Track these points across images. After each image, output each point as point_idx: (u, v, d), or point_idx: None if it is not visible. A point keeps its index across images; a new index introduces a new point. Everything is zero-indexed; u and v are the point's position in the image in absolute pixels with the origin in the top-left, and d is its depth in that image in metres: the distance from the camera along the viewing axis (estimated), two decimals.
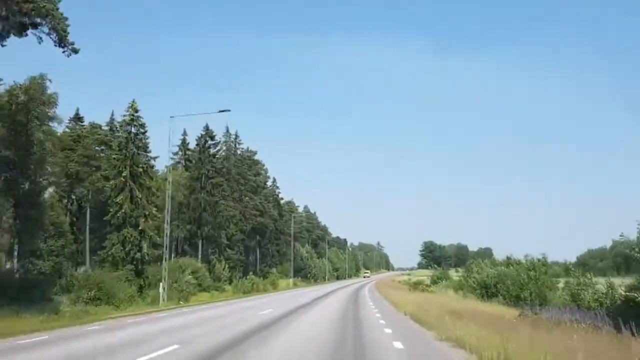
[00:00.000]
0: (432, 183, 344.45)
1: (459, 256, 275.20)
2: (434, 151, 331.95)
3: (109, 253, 39.58)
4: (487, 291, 31.79)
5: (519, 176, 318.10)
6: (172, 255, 59.78)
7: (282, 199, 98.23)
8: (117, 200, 40.07)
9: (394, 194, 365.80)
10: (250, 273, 62.04)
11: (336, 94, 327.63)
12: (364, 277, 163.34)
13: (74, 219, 55.19)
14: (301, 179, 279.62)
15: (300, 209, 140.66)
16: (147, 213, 40.96)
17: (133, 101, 42.39)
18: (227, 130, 75.14)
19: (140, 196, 40.66)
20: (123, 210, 39.86)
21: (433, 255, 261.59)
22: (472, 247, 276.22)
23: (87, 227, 51.82)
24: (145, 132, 42.63)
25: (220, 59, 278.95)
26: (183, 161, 64.64)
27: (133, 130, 42.07)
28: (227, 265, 57.29)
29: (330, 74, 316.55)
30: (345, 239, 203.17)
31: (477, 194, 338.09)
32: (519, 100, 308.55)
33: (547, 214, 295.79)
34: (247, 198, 77.35)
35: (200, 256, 58.16)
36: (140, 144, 42.15)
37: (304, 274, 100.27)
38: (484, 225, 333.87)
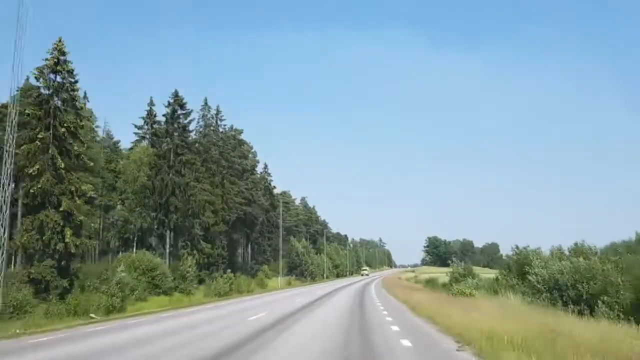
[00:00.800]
0: (434, 179, 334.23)
1: (464, 252, 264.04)
2: (436, 148, 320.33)
3: (19, 243, 28.67)
4: (561, 295, 20.93)
5: (522, 171, 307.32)
6: (134, 249, 48.90)
7: (274, 187, 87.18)
8: (32, 171, 29.14)
9: (395, 190, 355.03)
10: (229, 271, 50.95)
11: (338, 90, 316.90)
12: (362, 274, 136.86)
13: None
14: (300, 174, 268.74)
15: (297, 202, 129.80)
16: (74, 189, 30.01)
17: (59, 40, 31.42)
18: (206, 103, 63.89)
19: (64, 166, 29.71)
20: (40, 186, 28.93)
21: (438, 251, 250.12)
22: (477, 243, 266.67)
23: (7, 210, 40.73)
24: (76, 81, 31.64)
25: (219, 56, 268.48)
26: (149, 136, 53.62)
27: (58, 79, 31.16)
28: (196, 262, 46.30)
29: (335, 71, 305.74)
30: (345, 235, 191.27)
31: (480, 189, 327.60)
32: (521, 95, 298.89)
33: (554, 209, 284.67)
34: (233, 185, 66.32)
35: (167, 250, 47.24)
36: (66, 97, 31.16)
37: (300, 272, 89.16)
38: (488, 221, 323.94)
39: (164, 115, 49.62)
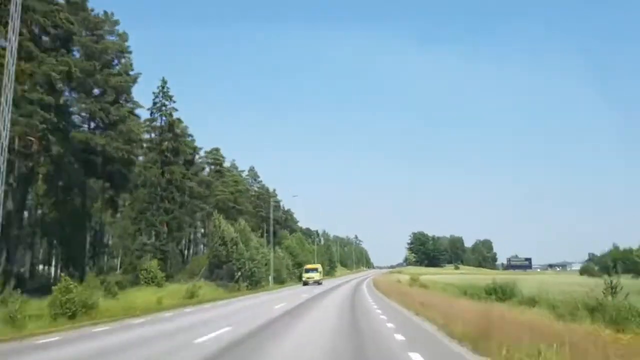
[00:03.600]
0: (416, 173, 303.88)
1: (454, 250, 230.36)
2: (418, 142, 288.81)
3: None
4: None
5: (518, 166, 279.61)
6: None
7: (178, 121, 49.54)
8: None
9: (372, 185, 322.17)
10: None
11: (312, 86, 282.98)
12: (308, 282, 67.19)
13: None
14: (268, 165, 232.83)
15: (245, 174, 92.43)
16: None
17: None
18: None
19: None
20: None
21: (425, 249, 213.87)
22: (467, 242, 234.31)
23: None
24: None
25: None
26: None
27: None
28: None
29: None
30: (316, 231, 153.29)
31: (468, 184, 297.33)
32: (516, 92, 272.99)
33: (553, 206, 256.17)
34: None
35: None
36: None
37: (228, 272, 51.57)
38: (478, 218, 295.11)
39: None
